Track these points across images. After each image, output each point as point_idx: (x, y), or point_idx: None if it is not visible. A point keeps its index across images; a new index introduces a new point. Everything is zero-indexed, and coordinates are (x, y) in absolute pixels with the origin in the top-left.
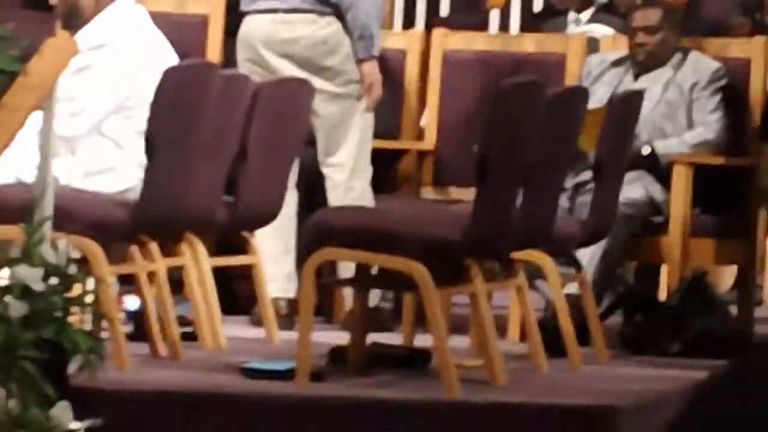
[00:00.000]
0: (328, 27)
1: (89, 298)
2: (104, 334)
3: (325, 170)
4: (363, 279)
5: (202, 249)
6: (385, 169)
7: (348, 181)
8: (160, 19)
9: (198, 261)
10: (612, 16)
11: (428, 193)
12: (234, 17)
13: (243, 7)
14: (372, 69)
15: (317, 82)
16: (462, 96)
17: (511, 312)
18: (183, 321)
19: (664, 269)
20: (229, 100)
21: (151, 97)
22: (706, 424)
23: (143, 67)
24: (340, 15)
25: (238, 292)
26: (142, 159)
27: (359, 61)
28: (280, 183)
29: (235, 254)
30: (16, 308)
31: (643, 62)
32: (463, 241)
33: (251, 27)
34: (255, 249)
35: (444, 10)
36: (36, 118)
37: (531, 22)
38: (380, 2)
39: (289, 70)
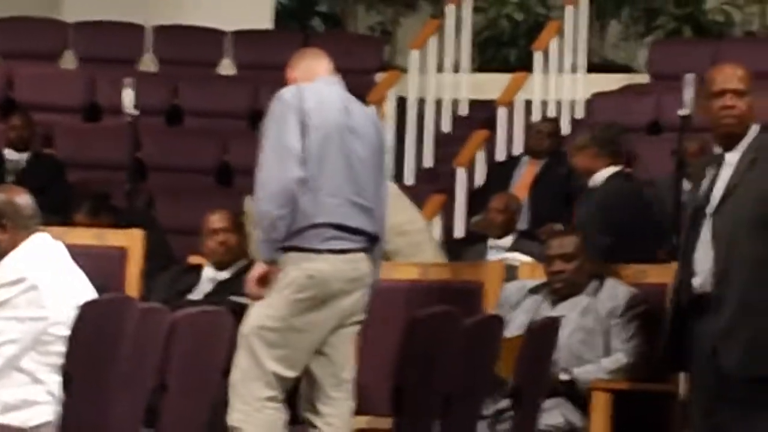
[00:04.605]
0: None
1: None
2: None
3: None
4: None
5: None
6: None
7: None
8: (79, 251)
9: None
10: (533, 242)
11: None
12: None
13: None
14: None
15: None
16: (379, 325)
17: None
18: None
19: None
20: (147, 333)
21: (67, 332)
22: None
23: (59, 303)
24: None
25: None
26: (60, 393)
27: None
28: (200, 415)
29: None
30: None
31: (560, 289)
32: None
33: None
34: None
35: None
36: None
37: (452, 248)
38: None
39: None
